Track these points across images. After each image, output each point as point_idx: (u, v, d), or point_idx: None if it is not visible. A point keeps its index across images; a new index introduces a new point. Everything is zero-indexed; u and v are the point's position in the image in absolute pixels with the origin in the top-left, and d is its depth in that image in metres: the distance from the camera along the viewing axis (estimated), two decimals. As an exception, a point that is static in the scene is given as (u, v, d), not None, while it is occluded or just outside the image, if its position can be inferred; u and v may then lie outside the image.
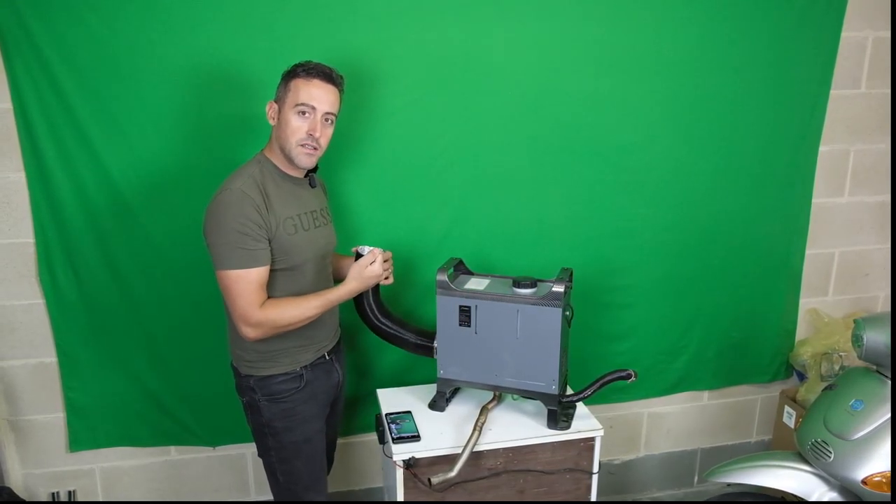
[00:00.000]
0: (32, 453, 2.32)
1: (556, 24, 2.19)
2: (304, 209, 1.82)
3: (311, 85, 1.72)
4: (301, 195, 1.83)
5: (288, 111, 1.73)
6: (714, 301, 2.58)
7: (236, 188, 1.68)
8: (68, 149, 2.01)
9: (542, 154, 2.29)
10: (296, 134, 1.73)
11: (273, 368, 1.82)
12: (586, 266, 2.36)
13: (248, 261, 1.67)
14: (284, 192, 1.78)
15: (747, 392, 2.82)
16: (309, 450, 1.89)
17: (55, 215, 2.07)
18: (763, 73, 2.38)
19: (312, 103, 1.72)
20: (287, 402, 1.84)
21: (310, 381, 1.87)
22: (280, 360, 1.82)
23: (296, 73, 1.74)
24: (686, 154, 2.40)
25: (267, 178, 1.75)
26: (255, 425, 1.89)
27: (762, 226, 2.54)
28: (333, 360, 1.96)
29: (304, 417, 1.87)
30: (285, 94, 1.74)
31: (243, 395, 1.88)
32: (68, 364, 2.22)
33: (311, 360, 1.87)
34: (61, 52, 1.93)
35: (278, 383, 1.83)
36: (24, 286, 2.15)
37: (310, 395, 1.87)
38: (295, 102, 1.72)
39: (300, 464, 1.89)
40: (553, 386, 1.92)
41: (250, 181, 1.71)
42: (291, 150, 1.75)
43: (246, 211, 1.66)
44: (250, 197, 1.67)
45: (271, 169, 1.78)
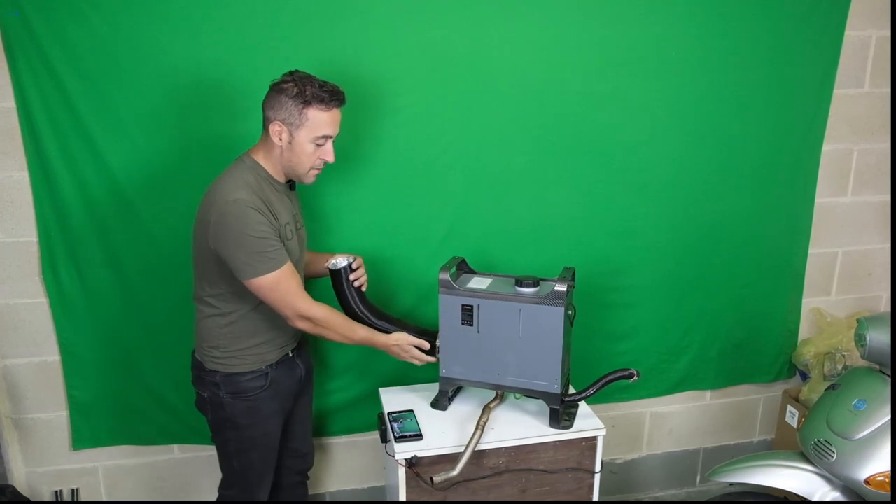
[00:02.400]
0: (36, 451, 2.33)
1: (558, 23, 2.18)
2: (291, 215, 1.86)
3: (330, 115, 1.74)
4: (286, 201, 1.86)
5: (305, 141, 1.74)
6: (717, 300, 2.58)
7: (241, 199, 1.68)
8: (71, 147, 2.02)
9: (545, 153, 2.29)
10: (311, 160, 1.77)
11: (241, 366, 1.86)
12: (589, 265, 2.36)
13: (278, 261, 1.72)
14: (277, 198, 1.81)
15: (750, 392, 2.82)
16: (266, 441, 1.95)
17: (58, 214, 2.07)
18: (766, 72, 2.37)
19: (332, 133, 1.77)
20: (251, 401, 1.88)
21: (274, 380, 1.91)
22: (247, 358, 1.86)
23: (308, 101, 1.70)
24: (689, 153, 2.39)
25: (264, 186, 1.77)
26: (215, 419, 1.92)
27: (765, 225, 2.54)
28: (296, 357, 2.00)
29: (267, 414, 1.92)
30: (300, 122, 1.72)
31: (205, 389, 1.90)
32: (71, 362, 2.23)
33: (275, 360, 1.91)
34: (64, 50, 1.93)
35: (245, 381, 1.86)
36: (27, 285, 2.16)
37: (274, 393, 1.91)
38: (316, 134, 1.73)
39: (256, 454, 1.94)
40: (555, 385, 1.92)
41: (250, 190, 1.72)
42: (304, 175, 1.80)
43: (260, 219, 1.69)
44: (256, 206, 1.69)
45: (265, 176, 1.79)
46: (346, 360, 2.34)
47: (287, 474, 2.17)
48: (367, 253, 2.24)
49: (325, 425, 2.45)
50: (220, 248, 1.71)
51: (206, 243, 1.74)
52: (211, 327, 1.85)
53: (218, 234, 1.70)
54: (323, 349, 2.31)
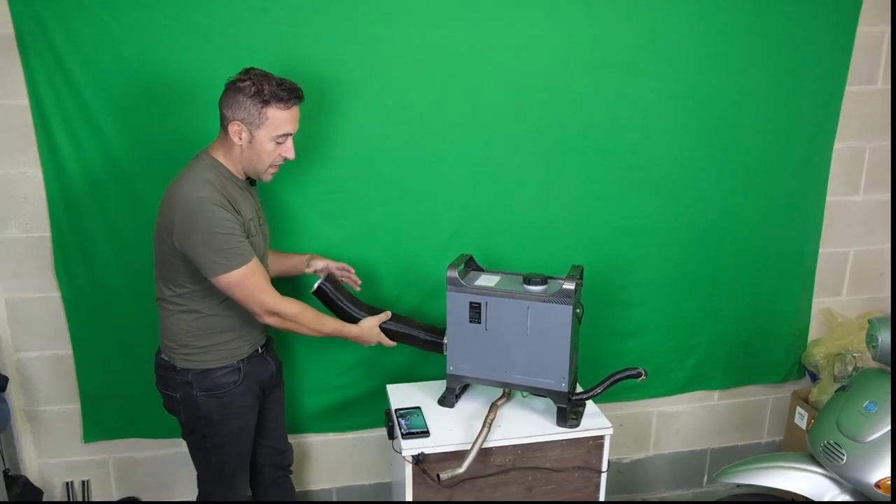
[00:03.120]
0: (48, 443, 2.35)
1: (562, 20, 2.18)
2: (253, 212, 1.86)
3: (290, 112, 1.74)
4: (247, 198, 1.85)
5: (265, 140, 1.74)
6: (725, 300, 2.56)
7: (205, 196, 1.68)
8: (83, 144, 2.04)
9: (551, 150, 2.28)
10: (270, 158, 1.78)
11: (212, 362, 1.85)
12: (596, 263, 2.35)
13: (245, 257, 1.72)
14: (239, 195, 1.80)
15: (758, 392, 2.80)
16: (241, 436, 1.96)
17: (70, 210, 2.09)
18: (776, 69, 2.35)
19: (290, 130, 1.76)
20: (226, 397, 1.88)
21: (247, 375, 1.91)
22: (218, 353, 1.86)
23: (267, 100, 1.69)
24: (697, 151, 2.38)
25: (226, 183, 1.77)
26: (189, 417, 1.91)
27: (775, 224, 2.52)
28: (265, 354, 2.01)
29: (241, 409, 1.92)
30: (259, 121, 1.71)
31: (176, 389, 1.88)
32: (83, 356, 2.25)
33: (246, 355, 1.91)
34: (76, 48, 1.95)
35: (218, 377, 1.86)
36: (40, 279, 2.18)
37: (247, 388, 1.92)
38: (275, 133, 1.73)
39: (231, 448, 1.95)
40: (563, 383, 1.92)
41: (212, 188, 1.71)
42: (262, 172, 1.81)
43: (225, 215, 1.69)
44: (220, 203, 1.69)
45: (225, 174, 1.79)
46: (354, 357, 2.35)
47: (270, 471, 2.17)
48: (375, 250, 2.26)
49: (332, 421, 2.46)
50: (186, 247, 1.70)
51: (169, 243, 1.73)
52: (178, 325, 1.83)
53: (184, 232, 1.69)
54: (329, 346, 2.31)
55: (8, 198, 2.10)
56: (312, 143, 2.13)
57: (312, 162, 2.15)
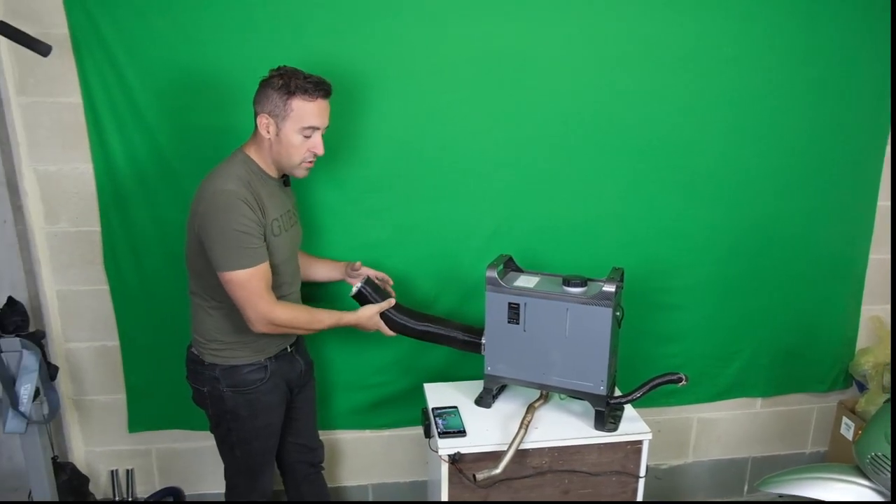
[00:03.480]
0: (94, 432, 2.42)
1: (611, 19, 2.16)
2: (283, 210, 1.87)
3: (315, 105, 1.74)
4: (279, 196, 1.87)
5: (291, 132, 1.74)
6: (770, 305, 2.51)
7: (230, 190, 1.70)
8: (133, 142, 2.09)
9: (594, 152, 2.27)
10: (299, 153, 1.78)
11: (238, 359, 1.87)
12: (637, 266, 2.33)
13: (254, 259, 1.72)
14: (268, 193, 1.81)
15: (803, 401, 2.74)
16: (267, 433, 1.97)
17: (119, 205, 2.15)
18: (825, 68, 2.30)
19: (317, 124, 1.76)
20: (252, 394, 1.89)
21: (274, 372, 1.92)
22: (245, 349, 1.87)
23: (293, 91, 1.71)
24: (742, 152, 2.34)
25: (254, 180, 1.78)
26: (216, 412, 1.93)
27: (823, 227, 2.46)
28: (295, 353, 2.01)
29: (267, 406, 1.93)
30: (285, 113, 1.73)
31: (204, 384, 1.90)
32: (129, 347, 2.31)
33: (274, 352, 1.92)
34: (128, 49, 2.01)
35: (244, 374, 1.87)
36: (90, 272, 2.24)
37: (273, 386, 1.93)
38: (301, 126, 1.74)
39: (257, 444, 1.96)
40: (601, 387, 1.90)
41: (240, 182, 1.73)
42: (294, 169, 1.81)
43: (245, 212, 1.70)
44: (245, 199, 1.71)
45: (256, 170, 1.80)
46: (392, 356, 2.36)
47: (300, 468, 2.19)
48: (413, 250, 2.27)
49: (370, 419, 2.48)
50: (204, 237, 1.72)
51: (194, 235, 1.76)
52: (206, 320, 1.86)
53: (204, 223, 1.71)
54: (366, 345, 2.33)
55: (60, 193, 2.17)
56: (353, 141, 2.16)
57: (353, 160, 2.18)
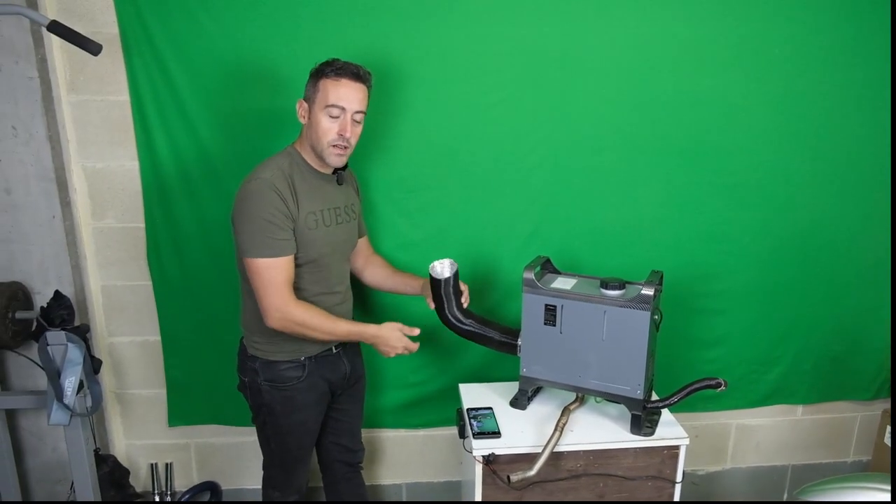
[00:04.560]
0: (135, 425, 2.47)
1: (653, 21, 2.14)
2: (327, 205, 1.87)
3: (340, 85, 1.75)
4: (326, 191, 1.88)
5: (318, 112, 1.77)
6: (813, 310, 2.46)
7: (265, 178, 1.73)
8: (177, 140, 2.13)
9: (635, 153, 2.25)
10: (327, 135, 1.77)
11: (278, 355, 1.88)
12: (677, 269, 2.30)
13: (276, 250, 1.73)
14: (310, 186, 1.83)
15: (846, 409, 2.68)
16: (302, 430, 1.98)
17: (163, 202, 2.19)
18: (874, 72, 2.25)
19: (342, 104, 1.75)
20: (288, 391, 1.90)
21: (312, 372, 1.92)
22: (285, 347, 1.88)
23: (324, 72, 1.76)
24: (788, 156, 2.30)
25: (295, 171, 1.81)
26: (253, 403, 1.96)
27: (868, 232, 2.41)
28: (341, 354, 2.00)
29: (303, 405, 1.94)
30: (314, 94, 1.77)
31: (245, 374, 1.94)
32: (170, 343, 2.35)
33: (315, 353, 1.92)
34: (175, 48, 2.05)
35: (281, 371, 1.89)
36: (133, 268, 2.29)
37: (310, 385, 1.93)
38: (325, 104, 1.75)
39: (291, 440, 1.98)
40: (638, 391, 1.88)
41: (279, 172, 1.76)
42: (323, 151, 1.80)
43: (274, 201, 1.72)
44: (278, 188, 1.73)
45: (300, 162, 1.84)
46: (429, 355, 2.37)
47: (339, 467, 2.20)
48: (452, 250, 2.27)
49: (404, 418, 2.49)
50: (234, 221, 1.77)
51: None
52: (251, 312, 1.87)
53: (235, 208, 1.76)
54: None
55: (107, 189, 2.22)
56: (391, 142, 2.17)
57: (395, 160, 2.19)
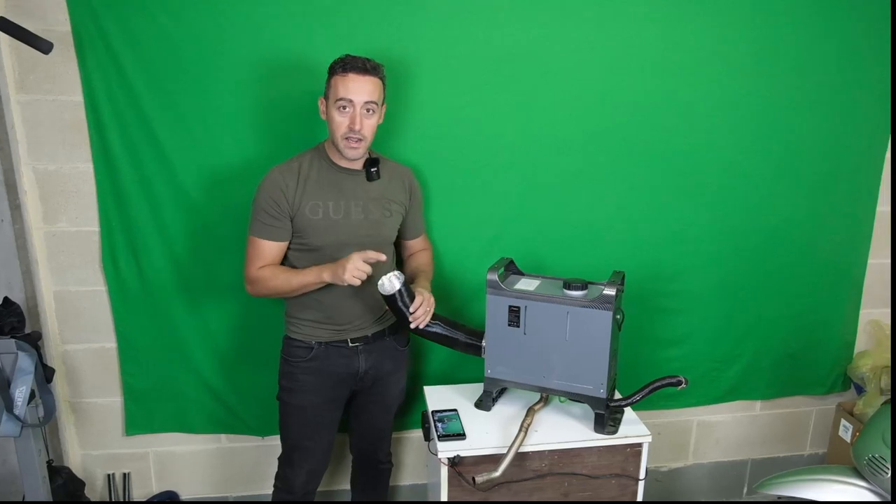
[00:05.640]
0: (91, 435, 2.40)
1: (616, 25, 2.17)
2: (343, 198, 1.92)
3: (346, 80, 1.81)
4: (345, 184, 1.93)
5: (331, 107, 1.85)
6: (771, 309, 2.52)
7: (275, 168, 1.90)
8: (134, 141, 2.08)
9: (599, 156, 2.27)
10: (339, 129, 1.85)
11: (293, 333, 2.01)
12: (640, 270, 2.33)
13: (261, 232, 1.90)
14: (326, 178, 1.92)
15: (802, 403, 2.75)
16: (302, 416, 2.03)
17: (119, 205, 2.14)
18: (828, 75, 2.31)
19: (350, 97, 1.81)
20: (293, 367, 2.01)
21: (318, 357, 1.99)
22: (299, 328, 2.00)
23: (334, 69, 1.84)
24: (746, 158, 2.35)
25: (313, 164, 1.92)
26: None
27: (823, 233, 2.47)
28: (359, 351, 2.02)
29: (304, 387, 2.01)
30: (328, 91, 1.86)
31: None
32: (127, 350, 2.29)
33: (326, 339, 1.99)
34: (131, 46, 2.00)
35: (293, 347, 2.01)
36: (88, 273, 2.23)
37: (315, 370, 2.00)
38: (335, 98, 1.83)
39: (293, 423, 2.05)
40: (601, 390, 1.90)
41: (294, 164, 1.91)
42: (338, 144, 1.87)
43: (270, 191, 1.87)
44: (281, 178, 1.88)
45: (322, 157, 1.93)
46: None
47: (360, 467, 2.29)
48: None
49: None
50: None
51: None
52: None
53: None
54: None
55: (60, 192, 2.15)
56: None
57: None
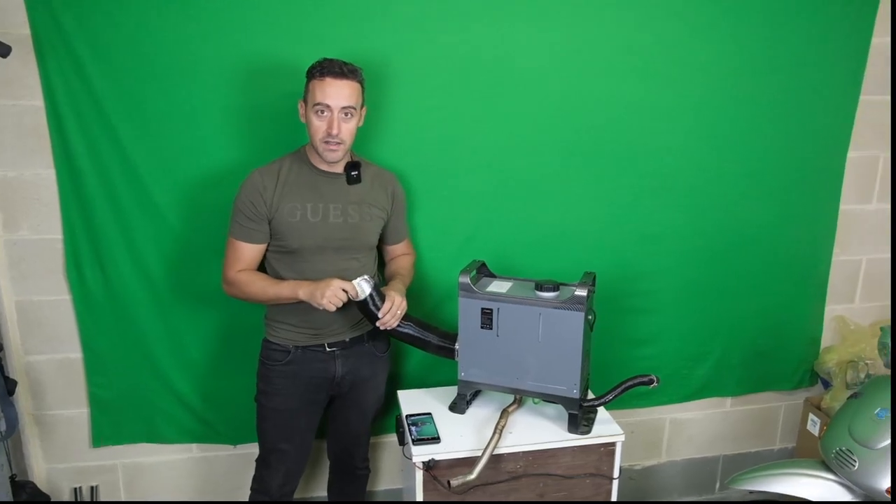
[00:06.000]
0: (56, 448, 2.35)
1: (586, 27, 2.18)
2: (321, 201, 1.93)
3: (324, 84, 1.81)
4: (324, 188, 1.94)
5: (309, 111, 1.85)
6: (740, 307, 2.56)
7: (257, 171, 1.91)
8: (98, 146, 2.03)
9: (569, 157, 2.28)
10: (318, 133, 1.85)
11: (272, 336, 2.02)
12: (611, 270, 2.35)
13: (238, 233, 1.92)
14: (305, 181, 1.92)
15: (771, 399, 2.79)
16: (277, 419, 2.04)
17: (83, 212, 2.09)
18: (793, 79, 2.35)
19: (327, 101, 1.81)
20: (270, 371, 2.02)
21: (294, 362, 1.99)
22: (277, 331, 2.01)
23: (311, 73, 1.83)
24: (713, 159, 2.38)
25: (293, 166, 1.93)
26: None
27: (789, 232, 2.52)
28: (336, 356, 2.02)
29: (280, 390, 2.01)
30: (306, 95, 1.86)
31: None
32: (93, 360, 2.24)
33: (303, 343, 1.99)
34: (94, 50, 1.96)
35: (270, 349, 2.02)
36: (51, 282, 2.18)
37: (292, 374, 2.00)
38: (313, 103, 1.83)
39: (268, 426, 2.06)
40: (574, 390, 1.90)
41: (275, 166, 1.92)
42: (317, 147, 1.88)
43: (249, 193, 1.89)
44: (260, 181, 1.89)
45: (302, 160, 1.94)
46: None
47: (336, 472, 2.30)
48: (387, 255, 2.25)
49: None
50: None
51: None
52: None
53: None
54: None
55: (21, 199, 2.10)
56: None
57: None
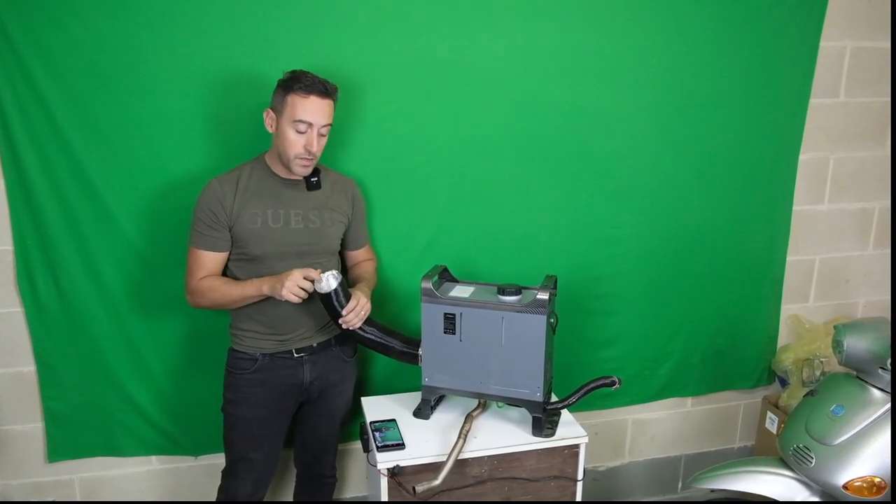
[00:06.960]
0: (10, 464, 2.28)
1: (542, 32, 2.20)
2: (282, 207, 1.92)
3: (308, 101, 1.79)
4: (285, 194, 1.92)
5: (285, 125, 1.81)
6: (699, 308, 2.60)
7: (215, 179, 1.89)
8: (48, 155, 1.98)
9: (529, 161, 2.30)
10: (293, 148, 1.83)
11: (237, 344, 2.00)
12: (572, 273, 2.37)
13: (199, 242, 1.89)
14: (265, 187, 1.91)
15: (731, 398, 2.84)
16: (245, 428, 2.02)
17: (35, 223, 2.04)
18: (744, 82, 2.40)
19: (309, 119, 1.80)
20: (237, 380, 2.00)
21: (262, 370, 1.98)
22: (243, 339, 1.99)
23: (292, 87, 1.79)
24: (670, 162, 2.41)
25: (253, 174, 1.91)
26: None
27: (745, 233, 2.56)
28: (304, 362, 2.01)
29: (247, 398, 1.99)
30: (282, 108, 1.81)
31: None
32: (47, 373, 2.19)
33: (270, 350, 1.98)
34: (42, 57, 1.91)
35: (237, 359, 2.00)
36: (2, 294, 2.12)
37: (259, 382, 1.99)
38: (292, 119, 1.79)
39: (234, 435, 2.04)
40: (538, 393, 1.92)
41: (234, 174, 1.90)
42: (289, 162, 1.86)
43: (208, 201, 1.86)
44: (219, 189, 1.87)
45: (262, 167, 1.92)
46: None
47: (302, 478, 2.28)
48: (349, 261, 2.23)
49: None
50: None
51: None
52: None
53: None
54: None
55: (-32, 210, 2.04)
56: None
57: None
